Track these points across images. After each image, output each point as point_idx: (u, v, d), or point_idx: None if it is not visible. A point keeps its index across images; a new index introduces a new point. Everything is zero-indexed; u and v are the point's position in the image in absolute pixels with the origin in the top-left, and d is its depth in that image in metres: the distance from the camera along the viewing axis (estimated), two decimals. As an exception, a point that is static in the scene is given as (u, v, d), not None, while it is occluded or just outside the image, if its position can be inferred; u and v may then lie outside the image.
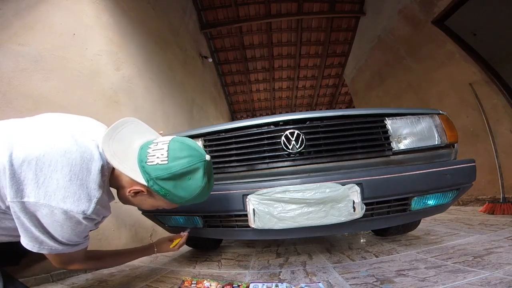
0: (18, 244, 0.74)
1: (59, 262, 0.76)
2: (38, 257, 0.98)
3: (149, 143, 0.75)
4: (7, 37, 1.29)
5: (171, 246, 1.12)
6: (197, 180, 0.73)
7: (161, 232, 2.28)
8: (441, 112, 1.24)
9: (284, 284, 0.97)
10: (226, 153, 1.19)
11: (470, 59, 3.04)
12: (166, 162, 0.69)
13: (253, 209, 1.01)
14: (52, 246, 0.68)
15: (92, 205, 0.66)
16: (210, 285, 1.02)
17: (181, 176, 0.70)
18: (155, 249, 1.11)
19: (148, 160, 0.70)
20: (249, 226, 1.04)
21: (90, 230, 0.77)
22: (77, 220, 0.66)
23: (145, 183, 0.70)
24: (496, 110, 2.86)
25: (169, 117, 3.01)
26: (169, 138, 0.76)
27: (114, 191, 0.84)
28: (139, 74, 2.46)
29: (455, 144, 1.22)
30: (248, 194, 1.03)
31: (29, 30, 1.39)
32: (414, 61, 3.93)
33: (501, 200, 2.41)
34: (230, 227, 1.16)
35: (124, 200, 0.82)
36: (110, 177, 0.76)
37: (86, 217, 0.67)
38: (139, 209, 1.27)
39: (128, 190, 0.74)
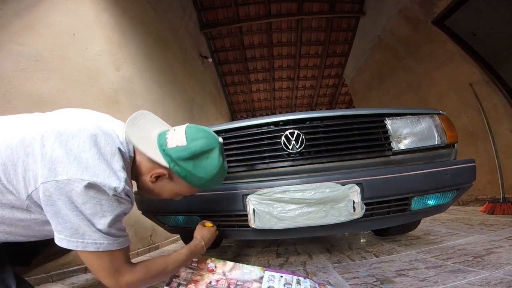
0: (29, 244, 0.74)
1: (107, 271, 0.66)
2: (47, 258, 0.98)
3: (166, 131, 0.79)
4: (7, 37, 1.29)
5: (206, 224, 1.04)
6: (214, 160, 0.77)
7: (161, 232, 2.29)
8: (441, 112, 1.24)
9: (307, 280, 0.83)
10: (226, 153, 1.18)
11: (470, 59, 3.04)
12: (185, 143, 0.74)
13: (253, 209, 1.01)
14: (96, 238, 0.63)
15: (122, 183, 0.66)
16: (216, 267, 0.90)
17: (200, 155, 0.75)
18: (204, 243, 0.98)
19: (168, 144, 0.74)
20: (249, 226, 1.04)
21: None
22: (110, 197, 0.64)
23: (167, 165, 0.72)
24: (496, 110, 2.86)
25: (169, 117, 3.01)
26: (184, 125, 0.81)
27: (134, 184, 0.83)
28: (139, 74, 2.46)
29: (455, 144, 1.22)
30: (248, 194, 1.03)
31: (29, 30, 1.39)
32: (414, 61, 3.93)
33: (501, 200, 2.40)
34: (230, 227, 1.16)
35: (144, 189, 0.81)
36: (131, 168, 0.77)
37: (116, 195, 0.65)
38: (139, 209, 1.28)
39: (150, 175, 0.75)
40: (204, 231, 1.02)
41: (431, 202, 1.14)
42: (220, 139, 0.81)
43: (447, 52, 3.30)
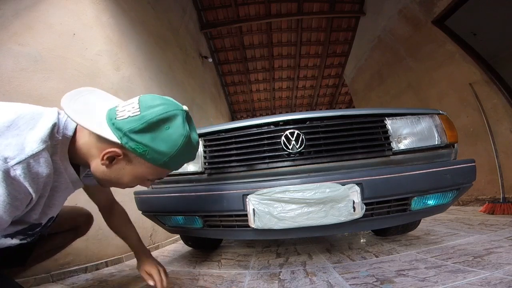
0: (22, 245, 0.73)
1: None
2: (40, 257, 0.99)
3: (118, 105, 0.66)
4: (7, 37, 1.29)
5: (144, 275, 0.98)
6: (178, 128, 0.63)
7: (161, 232, 2.28)
8: (441, 112, 1.24)
9: None
10: (226, 153, 1.19)
11: (470, 59, 3.04)
12: (139, 112, 0.60)
13: (253, 209, 1.01)
14: None
15: (22, 156, 0.51)
16: None
17: (158, 124, 0.61)
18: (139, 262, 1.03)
19: (118, 116, 0.61)
20: (249, 226, 1.04)
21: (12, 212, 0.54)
22: None
23: (118, 140, 0.59)
24: (496, 110, 2.86)
25: (169, 117, 3.01)
26: (138, 96, 0.68)
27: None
28: (139, 74, 2.46)
29: (455, 144, 1.22)
30: (248, 194, 1.03)
31: (29, 30, 1.39)
32: (414, 61, 3.94)
33: (501, 200, 2.40)
34: (230, 227, 1.16)
35: (100, 176, 0.66)
36: (73, 150, 0.65)
37: (6, 171, 0.49)
38: (139, 208, 1.28)
39: (101, 156, 0.61)
40: (144, 266, 0.99)
41: (431, 202, 1.14)
42: (185, 107, 0.67)
43: (447, 52, 3.30)
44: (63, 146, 0.63)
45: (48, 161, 0.57)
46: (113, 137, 0.59)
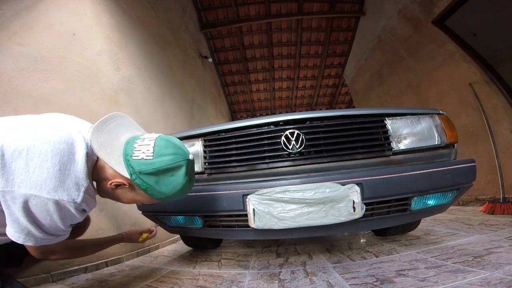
0: (18, 245, 0.74)
1: (40, 253, 0.76)
2: (36, 258, 0.99)
3: (136, 138, 0.77)
4: (7, 37, 1.29)
5: (139, 240, 1.20)
6: (179, 177, 0.75)
7: (160, 232, 2.28)
8: (441, 112, 1.24)
9: None
10: (226, 153, 1.19)
11: (470, 59, 3.04)
12: (151, 157, 0.72)
13: (253, 209, 1.01)
14: (38, 237, 0.68)
15: (81, 194, 0.68)
16: None
17: (164, 172, 0.73)
18: (125, 239, 1.16)
19: (134, 155, 0.72)
20: (249, 226, 1.04)
21: (76, 223, 0.77)
22: (67, 210, 0.68)
23: (128, 176, 0.71)
24: (496, 110, 2.86)
25: (169, 116, 3.01)
26: (156, 135, 0.78)
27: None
28: (139, 74, 2.46)
29: (455, 144, 1.22)
30: (248, 194, 1.03)
31: (28, 30, 1.39)
32: (414, 61, 3.93)
33: (501, 200, 2.41)
34: (230, 227, 1.16)
35: (103, 192, 0.81)
36: (92, 169, 0.77)
37: (77, 207, 0.69)
38: (139, 209, 1.28)
39: (110, 182, 0.75)
40: (133, 238, 1.18)
41: (431, 202, 1.14)
42: (191, 156, 0.78)
43: (447, 52, 3.30)
44: (90, 169, 0.75)
45: (91, 189, 0.74)
46: (125, 173, 0.71)
